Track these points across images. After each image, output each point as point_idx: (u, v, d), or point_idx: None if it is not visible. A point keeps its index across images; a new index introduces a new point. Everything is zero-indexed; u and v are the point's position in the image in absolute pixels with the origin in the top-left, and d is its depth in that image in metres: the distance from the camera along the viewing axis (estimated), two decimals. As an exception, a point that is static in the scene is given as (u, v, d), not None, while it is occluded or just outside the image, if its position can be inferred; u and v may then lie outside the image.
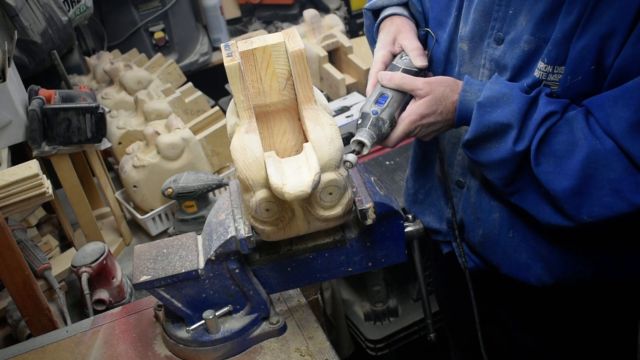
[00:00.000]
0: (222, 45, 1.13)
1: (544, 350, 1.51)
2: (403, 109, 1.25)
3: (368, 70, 2.49)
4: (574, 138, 1.13)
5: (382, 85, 1.26)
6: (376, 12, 1.44)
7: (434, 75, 1.33)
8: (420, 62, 1.29)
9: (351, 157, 1.12)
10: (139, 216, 1.98)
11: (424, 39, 1.39)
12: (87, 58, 2.68)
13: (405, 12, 1.39)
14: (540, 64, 1.17)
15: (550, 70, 1.16)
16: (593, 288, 1.38)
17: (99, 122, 1.77)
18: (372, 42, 1.45)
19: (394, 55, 1.34)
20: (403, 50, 1.32)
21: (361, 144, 1.19)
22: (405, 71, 1.28)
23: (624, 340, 1.53)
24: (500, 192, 1.27)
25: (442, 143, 1.44)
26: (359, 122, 1.22)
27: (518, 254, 1.35)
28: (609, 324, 1.47)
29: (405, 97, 1.25)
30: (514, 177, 1.21)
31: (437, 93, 1.21)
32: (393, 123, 1.23)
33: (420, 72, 1.30)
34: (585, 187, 1.13)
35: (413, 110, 1.22)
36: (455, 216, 1.44)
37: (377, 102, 1.24)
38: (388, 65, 1.32)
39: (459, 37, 1.31)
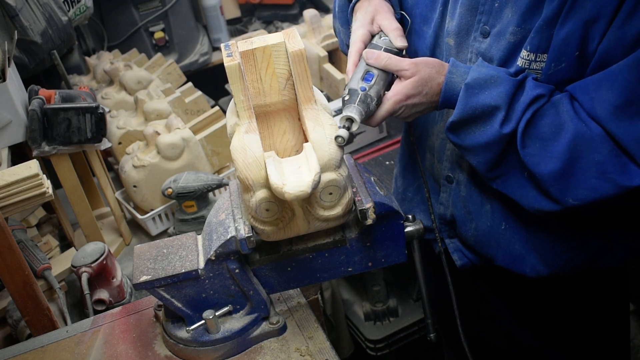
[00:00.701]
0: (222, 45, 1.13)
1: (539, 345, 1.52)
2: (387, 88, 1.24)
3: (368, 70, 2.51)
4: (560, 121, 1.14)
5: (367, 64, 1.25)
6: None
7: (409, 57, 1.33)
8: (401, 42, 1.28)
9: (343, 132, 1.10)
10: (139, 216, 1.98)
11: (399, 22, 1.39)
12: (87, 58, 2.67)
13: None
14: (523, 52, 1.17)
15: (533, 58, 1.17)
16: (586, 277, 1.40)
17: (99, 122, 1.77)
18: (345, 23, 1.44)
19: (372, 35, 1.33)
20: (382, 30, 1.31)
21: (350, 119, 1.17)
22: (387, 51, 1.27)
23: (616, 329, 1.54)
24: (484, 177, 1.27)
25: (431, 138, 1.44)
26: (346, 98, 1.20)
27: (512, 246, 1.36)
28: (601, 314, 1.49)
29: (389, 76, 1.25)
30: (499, 161, 1.21)
31: (423, 74, 1.21)
32: (379, 101, 1.22)
33: (399, 53, 1.29)
34: (571, 170, 1.13)
35: (399, 90, 1.21)
36: (432, 207, 1.45)
37: (363, 79, 1.22)
38: (367, 45, 1.31)
39: (446, 32, 1.32)
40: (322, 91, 2.47)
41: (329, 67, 2.47)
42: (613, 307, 1.51)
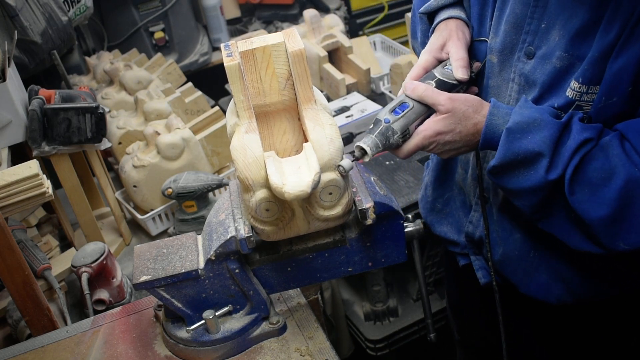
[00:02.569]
0: (222, 45, 1.13)
1: None
2: (422, 121, 1.20)
3: (368, 70, 2.52)
4: (610, 165, 1.08)
5: (405, 94, 1.21)
6: (431, 15, 1.36)
7: (479, 91, 1.27)
8: (461, 74, 1.22)
9: (345, 163, 1.07)
10: (139, 216, 1.98)
11: (476, 47, 1.32)
12: (87, 58, 2.68)
13: (462, 15, 1.31)
14: (574, 84, 1.11)
15: (585, 90, 1.11)
16: (613, 305, 1.36)
17: (99, 122, 1.77)
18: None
19: (439, 62, 1.27)
20: (449, 58, 1.26)
21: (362, 150, 1.16)
22: (441, 82, 1.22)
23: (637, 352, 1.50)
24: (528, 218, 1.22)
25: (467, 155, 1.39)
26: (370, 127, 1.18)
27: (538, 274, 1.32)
28: (624, 338, 1.45)
29: (428, 110, 1.20)
30: (544, 205, 1.16)
31: (458, 111, 1.16)
32: (406, 134, 1.18)
33: (459, 85, 1.24)
34: (623, 215, 1.08)
35: (429, 125, 1.17)
36: (488, 230, 1.38)
37: (393, 110, 1.19)
38: (428, 72, 1.26)
39: (489, 49, 1.26)
40: (322, 91, 2.47)
41: (329, 67, 2.47)
42: (635, 331, 1.47)
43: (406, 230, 1.24)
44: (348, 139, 2.22)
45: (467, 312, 1.72)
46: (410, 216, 1.28)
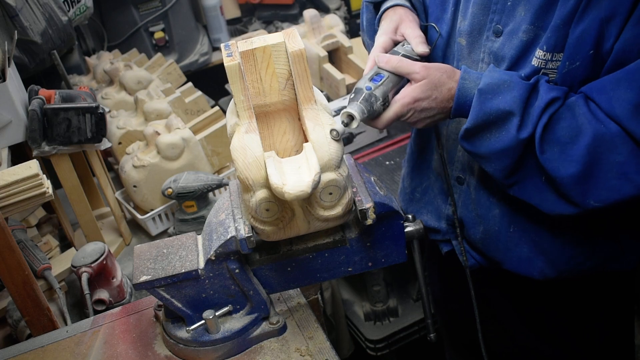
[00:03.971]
0: (222, 45, 1.13)
1: (544, 347, 1.51)
2: (397, 92, 1.24)
3: (368, 70, 2.51)
4: (577, 123, 1.12)
5: (378, 67, 1.24)
6: (377, 5, 1.43)
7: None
8: (422, 48, 1.27)
9: (338, 126, 1.09)
10: (139, 216, 1.98)
11: (425, 33, 1.38)
12: (87, 58, 2.67)
13: (407, 4, 1.38)
14: (539, 52, 1.16)
15: (549, 57, 1.15)
16: (593, 280, 1.39)
17: (99, 122, 1.77)
18: (372, 35, 1.44)
19: (395, 44, 1.32)
20: (405, 39, 1.31)
21: (350, 116, 1.16)
22: (406, 57, 1.26)
23: (621, 330, 1.53)
24: (500, 184, 1.26)
25: (440, 140, 1.43)
26: (351, 96, 1.20)
27: (519, 249, 1.35)
28: (607, 316, 1.48)
29: (402, 81, 1.24)
30: (516, 168, 1.20)
31: (433, 78, 1.20)
32: (387, 102, 1.21)
33: (420, 60, 1.28)
34: (592, 172, 1.12)
35: (407, 93, 1.21)
36: (456, 213, 1.43)
37: (372, 79, 1.22)
38: (388, 52, 1.30)
39: (458, 32, 1.31)
40: (322, 91, 2.47)
41: (329, 67, 2.47)
42: (619, 309, 1.50)
43: (406, 230, 1.24)
44: (348, 139, 2.23)
45: (452, 303, 1.74)
46: (410, 216, 1.28)
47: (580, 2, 1.09)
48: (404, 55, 1.27)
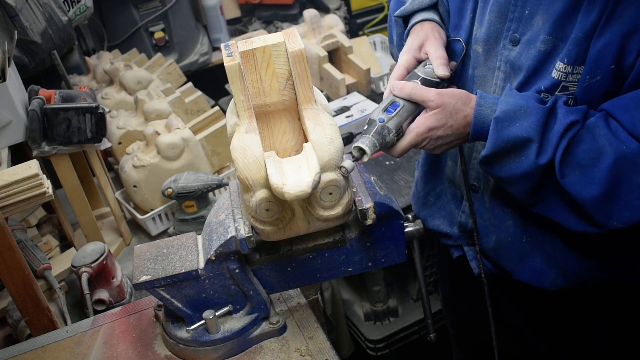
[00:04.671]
0: (222, 45, 1.13)
1: (554, 354, 1.50)
2: (414, 119, 1.22)
3: (368, 70, 2.52)
4: (598, 145, 1.11)
5: (393, 94, 1.23)
6: (406, 18, 1.40)
7: (457, 87, 1.30)
8: (442, 71, 1.25)
9: (347, 164, 1.08)
10: (139, 216, 1.98)
11: (452, 46, 1.36)
12: (87, 58, 2.68)
13: (436, 17, 1.35)
14: (560, 65, 1.14)
15: (570, 70, 1.13)
16: (606, 291, 1.37)
17: (99, 122, 1.77)
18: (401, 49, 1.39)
19: (419, 62, 1.30)
20: (428, 57, 1.29)
21: (361, 151, 1.17)
22: (425, 80, 1.24)
23: (635, 344, 1.51)
24: (523, 203, 1.24)
25: (455, 148, 1.41)
26: (365, 128, 1.19)
27: (532, 260, 1.34)
28: (620, 328, 1.46)
29: (418, 108, 1.22)
30: (537, 189, 1.19)
31: (448, 106, 1.18)
32: (400, 133, 1.20)
33: (441, 83, 1.27)
34: (614, 193, 1.11)
35: (422, 122, 1.19)
36: (475, 222, 1.40)
37: (386, 110, 1.20)
38: (410, 72, 1.29)
39: (474, 39, 1.29)
40: (322, 91, 2.47)
41: (329, 67, 2.47)
42: (633, 319, 1.48)
43: (406, 230, 1.24)
44: (348, 139, 2.23)
45: (461, 306, 1.73)
46: (410, 216, 1.28)
47: (602, 16, 1.07)
48: (423, 79, 1.25)
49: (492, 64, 1.27)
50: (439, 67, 1.25)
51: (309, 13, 2.59)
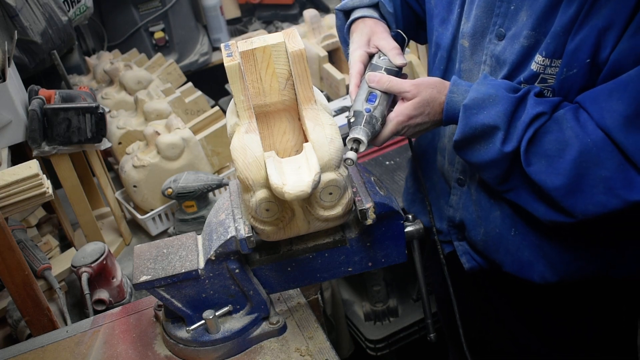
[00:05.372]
0: (222, 45, 1.13)
1: (545, 349, 1.51)
2: (389, 109, 1.26)
3: (368, 70, 2.51)
4: (565, 137, 1.14)
5: (369, 87, 1.26)
6: (347, 12, 1.45)
7: (405, 75, 1.34)
8: (400, 60, 1.29)
9: (351, 155, 1.12)
10: (139, 216, 1.98)
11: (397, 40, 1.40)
12: (87, 58, 2.67)
13: (375, 14, 1.40)
14: (538, 57, 1.17)
15: (548, 63, 1.17)
16: (595, 285, 1.39)
17: (99, 122, 1.77)
18: (344, 42, 1.47)
19: (370, 56, 1.34)
20: (379, 50, 1.33)
21: (358, 141, 1.17)
22: (388, 70, 1.29)
23: (624, 338, 1.53)
24: (495, 190, 1.28)
25: (442, 140, 1.44)
26: (352, 120, 1.21)
27: (520, 252, 1.35)
28: (610, 322, 1.48)
29: (391, 97, 1.26)
30: (506, 176, 1.22)
31: (424, 95, 1.22)
32: (384, 121, 1.23)
33: (399, 71, 1.31)
34: (578, 186, 1.14)
35: (401, 111, 1.23)
36: (430, 204, 1.46)
37: (367, 100, 1.23)
38: (367, 65, 1.32)
39: (461, 34, 1.32)
40: (322, 91, 2.47)
41: (329, 67, 2.47)
42: (621, 316, 1.50)
43: (406, 230, 1.24)
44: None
45: (453, 305, 1.74)
46: (410, 216, 1.28)
47: (581, 11, 1.10)
48: (387, 69, 1.29)
49: (478, 58, 1.30)
50: (396, 57, 1.30)
51: (309, 13, 2.59)
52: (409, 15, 1.51)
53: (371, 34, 1.35)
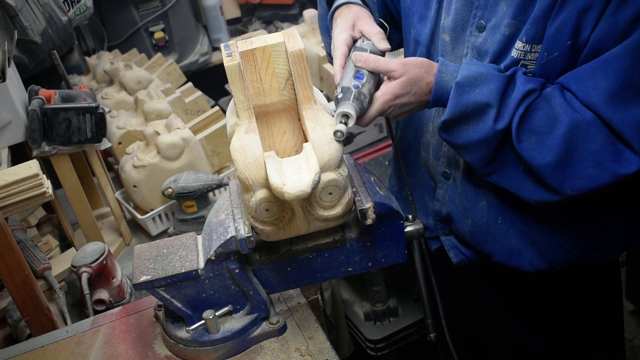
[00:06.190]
0: (222, 45, 1.13)
1: (535, 341, 1.52)
2: (375, 89, 1.25)
3: (368, 70, 2.51)
4: (554, 113, 1.15)
5: (356, 66, 1.25)
6: (330, 1, 1.46)
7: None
8: (384, 45, 1.29)
9: (341, 127, 1.10)
10: (139, 216, 1.98)
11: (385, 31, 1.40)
12: (87, 58, 2.67)
13: (358, 1, 1.41)
14: (518, 44, 1.18)
15: (528, 49, 1.18)
16: (581, 272, 1.41)
17: (99, 122, 1.77)
18: (325, 31, 1.48)
19: (354, 40, 1.34)
20: (363, 35, 1.33)
21: (346, 115, 1.16)
22: (372, 53, 1.28)
23: (611, 324, 1.54)
24: (478, 173, 1.28)
25: (425, 136, 1.44)
26: (340, 96, 1.20)
27: (508, 240, 1.36)
28: (596, 309, 1.50)
29: (377, 77, 1.25)
30: (494, 157, 1.22)
31: (411, 74, 1.22)
32: (370, 100, 1.22)
33: (383, 55, 1.30)
34: (568, 160, 1.15)
35: (387, 90, 1.22)
36: (410, 190, 1.46)
37: (355, 77, 1.23)
38: (351, 48, 1.32)
39: (441, 29, 1.33)
40: (322, 91, 2.47)
41: (329, 67, 2.47)
42: (607, 303, 1.52)
43: (406, 230, 1.25)
44: (348, 139, 2.22)
45: (443, 302, 1.75)
46: (410, 216, 1.28)
47: None
48: (371, 52, 1.29)
49: (459, 51, 1.31)
50: (379, 41, 1.30)
51: (309, 13, 2.59)
52: (386, 15, 1.52)
53: (356, 18, 1.35)
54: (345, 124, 1.16)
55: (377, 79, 1.26)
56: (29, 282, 1.39)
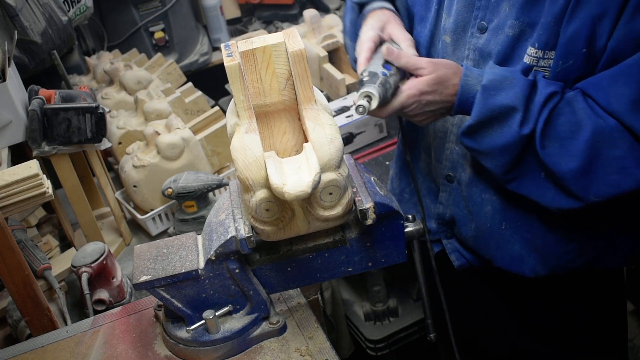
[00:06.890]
0: (222, 45, 1.13)
1: (536, 346, 1.52)
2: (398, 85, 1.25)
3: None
4: (577, 118, 1.13)
5: (387, 60, 1.24)
6: (362, 7, 1.45)
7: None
8: (413, 52, 1.29)
9: (364, 102, 1.09)
10: (139, 216, 1.98)
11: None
12: (87, 58, 2.67)
13: (392, 7, 1.40)
14: (531, 50, 1.17)
15: (541, 55, 1.17)
16: (584, 277, 1.40)
17: (99, 122, 1.77)
18: (354, 37, 1.45)
19: (382, 41, 1.33)
20: (392, 39, 1.32)
21: (369, 96, 1.15)
22: None
23: (614, 328, 1.54)
24: (499, 180, 1.27)
25: (426, 139, 1.44)
26: (366, 79, 1.19)
27: (511, 246, 1.36)
28: (599, 314, 1.49)
29: (401, 75, 1.25)
30: (516, 163, 1.21)
31: (440, 73, 1.21)
32: (394, 93, 1.21)
33: None
34: (592, 167, 1.13)
35: (414, 85, 1.22)
36: (422, 204, 1.44)
37: (384, 66, 1.22)
38: (377, 46, 1.31)
39: (442, 30, 1.32)
40: (322, 91, 2.47)
41: (329, 67, 2.47)
42: (610, 307, 1.51)
43: (406, 230, 1.24)
44: (348, 139, 2.23)
45: (441, 306, 1.75)
46: (410, 216, 1.28)
47: (570, 0, 1.11)
48: None
49: (460, 53, 1.30)
50: (409, 48, 1.30)
51: (309, 13, 2.59)
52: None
53: (387, 22, 1.34)
54: (369, 103, 1.15)
55: (402, 77, 1.25)
56: (29, 282, 1.39)
